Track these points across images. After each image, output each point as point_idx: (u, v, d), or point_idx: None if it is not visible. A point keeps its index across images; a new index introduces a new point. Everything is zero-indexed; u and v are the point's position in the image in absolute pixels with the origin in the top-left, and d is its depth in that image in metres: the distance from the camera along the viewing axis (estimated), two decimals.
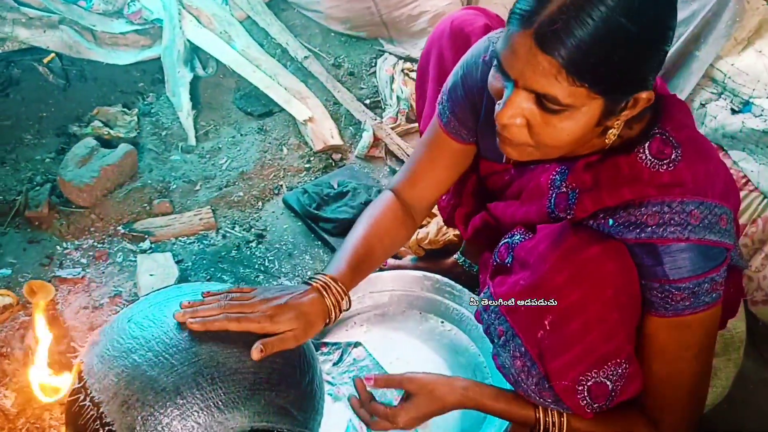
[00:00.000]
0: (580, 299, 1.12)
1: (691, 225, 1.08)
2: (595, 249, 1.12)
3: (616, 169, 1.13)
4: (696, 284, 1.10)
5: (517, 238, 1.27)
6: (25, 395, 1.61)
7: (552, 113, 1.03)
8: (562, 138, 1.06)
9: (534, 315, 1.15)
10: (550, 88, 1.00)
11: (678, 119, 1.15)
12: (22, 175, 2.30)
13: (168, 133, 2.53)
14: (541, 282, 1.15)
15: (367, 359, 1.71)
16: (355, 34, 2.84)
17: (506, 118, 1.06)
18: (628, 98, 1.04)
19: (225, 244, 2.11)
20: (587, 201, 1.16)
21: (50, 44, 2.60)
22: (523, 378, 1.20)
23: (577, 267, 1.12)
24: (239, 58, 2.69)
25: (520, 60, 1.01)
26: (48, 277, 1.95)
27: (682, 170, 1.10)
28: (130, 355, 1.16)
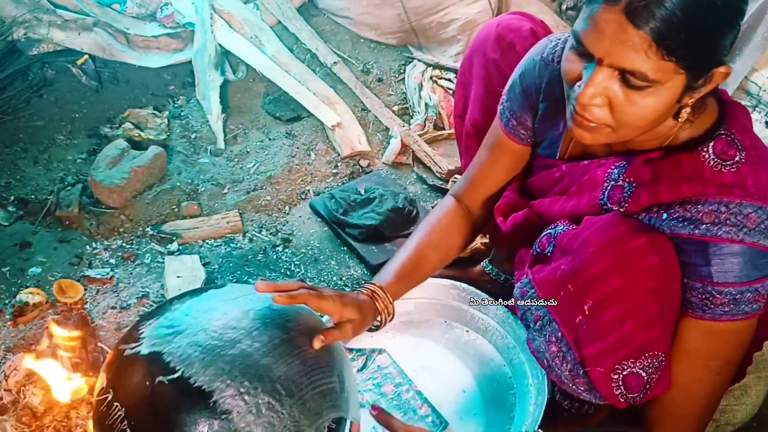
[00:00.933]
0: (620, 287, 1.11)
1: (746, 227, 1.08)
2: (641, 240, 1.11)
3: (677, 166, 1.13)
4: (739, 291, 1.10)
5: (560, 228, 1.26)
6: (52, 393, 1.63)
7: (636, 90, 1.03)
8: (644, 115, 1.06)
9: (573, 300, 1.15)
10: (640, 63, 0.99)
11: (742, 123, 1.15)
12: (54, 175, 2.33)
13: (197, 136, 2.55)
14: (583, 267, 1.14)
15: (392, 366, 1.70)
16: (385, 40, 2.84)
17: (588, 97, 1.06)
18: (707, 73, 1.04)
19: (251, 248, 2.12)
20: (643, 195, 1.17)
21: (84, 46, 2.64)
22: (557, 363, 1.19)
23: (621, 255, 1.11)
24: (269, 62, 2.71)
25: (607, 37, 1.00)
26: (77, 277, 1.97)
27: (745, 173, 1.10)
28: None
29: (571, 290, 1.15)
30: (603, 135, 1.12)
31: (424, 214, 2.17)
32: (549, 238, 1.27)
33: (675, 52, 0.98)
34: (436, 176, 2.34)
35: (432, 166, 2.35)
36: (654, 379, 1.15)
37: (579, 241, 1.17)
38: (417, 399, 1.63)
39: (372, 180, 2.33)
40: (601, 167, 1.26)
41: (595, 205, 1.25)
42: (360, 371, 1.70)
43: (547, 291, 1.20)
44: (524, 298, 1.26)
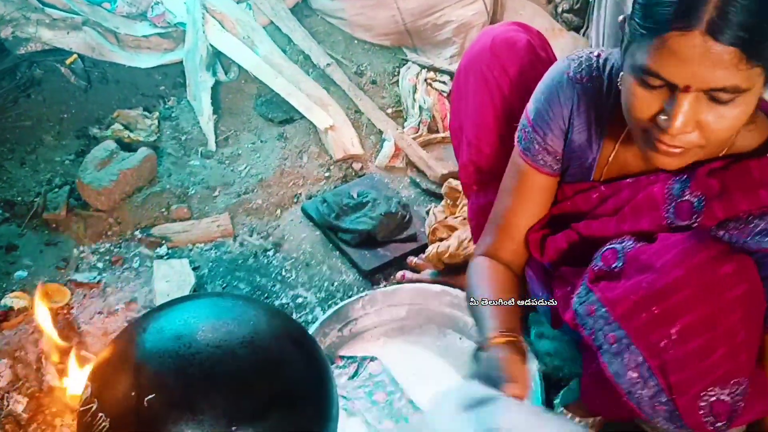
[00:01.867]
0: (710, 314, 1.07)
1: None
2: (729, 267, 1.07)
3: (746, 174, 1.12)
4: None
5: (628, 244, 1.21)
6: (36, 401, 1.60)
7: (724, 104, 1.00)
8: (734, 126, 1.04)
9: (657, 324, 1.10)
10: (731, 78, 0.97)
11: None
12: (41, 177, 2.29)
13: (188, 138, 2.52)
14: (670, 290, 1.09)
15: (384, 374, 1.68)
16: (379, 42, 2.81)
17: (681, 128, 1.02)
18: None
19: (242, 252, 2.09)
20: (717, 207, 1.14)
21: (73, 46, 2.60)
22: (637, 389, 1.14)
23: (710, 282, 1.08)
24: (261, 63, 2.68)
25: (692, 63, 0.97)
26: (64, 281, 1.94)
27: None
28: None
29: (656, 312, 1.09)
30: (691, 156, 1.09)
31: (418, 219, 2.14)
32: (615, 253, 1.21)
33: (762, 56, 0.96)
34: (430, 180, 2.31)
35: (426, 169, 2.32)
36: (740, 405, 1.11)
37: (663, 261, 1.12)
38: (409, 407, 1.61)
39: (365, 184, 2.30)
40: (656, 184, 1.22)
41: (662, 226, 1.21)
42: (351, 379, 1.68)
43: (623, 311, 1.14)
44: (593, 317, 1.19)
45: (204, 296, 1.37)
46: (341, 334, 1.75)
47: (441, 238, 1.96)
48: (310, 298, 1.94)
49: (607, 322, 1.16)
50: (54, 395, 1.61)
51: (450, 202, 2.07)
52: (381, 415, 1.60)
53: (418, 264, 1.98)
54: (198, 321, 1.20)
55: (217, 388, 1.11)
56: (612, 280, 1.19)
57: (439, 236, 1.97)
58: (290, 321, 1.34)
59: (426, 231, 2.05)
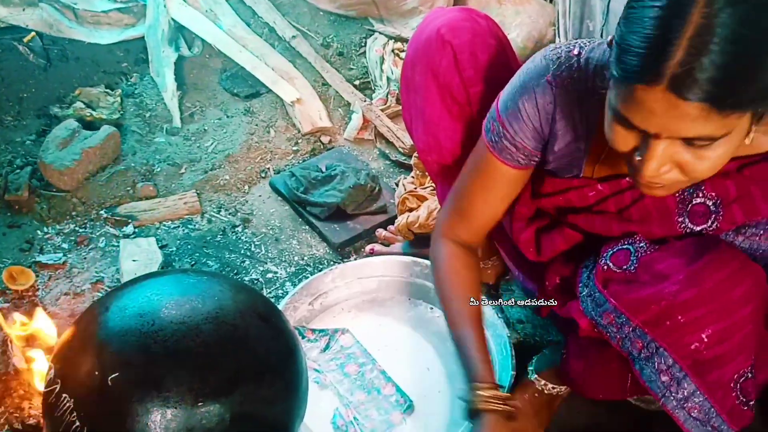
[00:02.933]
0: (741, 319, 1.09)
1: None
2: (741, 288, 1.09)
3: (765, 174, 1.09)
4: None
5: (641, 246, 1.20)
6: (4, 384, 1.57)
7: (703, 148, 0.96)
8: (717, 165, 1.00)
9: (688, 329, 1.10)
10: (703, 130, 0.92)
11: None
12: (2, 158, 2.24)
13: (152, 115, 2.47)
14: (698, 302, 1.10)
15: (355, 346, 1.68)
16: (345, 13, 2.78)
17: (654, 171, 0.99)
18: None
19: (210, 229, 2.06)
20: (737, 210, 1.12)
21: (30, 23, 2.54)
22: (672, 392, 1.15)
23: (725, 304, 1.09)
24: (225, 37, 2.63)
25: (658, 116, 0.93)
26: (28, 263, 1.91)
27: None
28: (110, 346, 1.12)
29: (681, 321, 1.10)
30: (678, 187, 1.08)
31: (387, 191, 2.13)
32: (628, 254, 1.20)
33: (734, 105, 0.90)
34: (399, 151, 2.30)
35: (395, 141, 2.30)
36: (755, 377, 1.14)
37: (686, 275, 1.11)
38: (381, 378, 1.61)
39: (333, 157, 2.28)
40: None
41: (673, 229, 1.19)
42: (323, 352, 1.67)
43: (647, 318, 1.14)
44: (614, 325, 1.19)
45: (168, 273, 1.35)
46: (312, 307, 1.74)
47: (410, 209, 1.95)
48: (280, 273, 1.93)
49: (631, 329, 1.16)
50: (21, 378, 1.58)
51: (419, 173, 2.05)
52: (353, 387, 1.60)
53: (387, 237, 1.97)
54: (161, 298, 1.18)
55: (181, 364, 1.10)
56: (622, 283, 1.19)
57: (409, 206, 1.96)
58: (256, 295, 1.32)
59: (396, 202, 2.04)
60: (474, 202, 1.38)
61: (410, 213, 1.92)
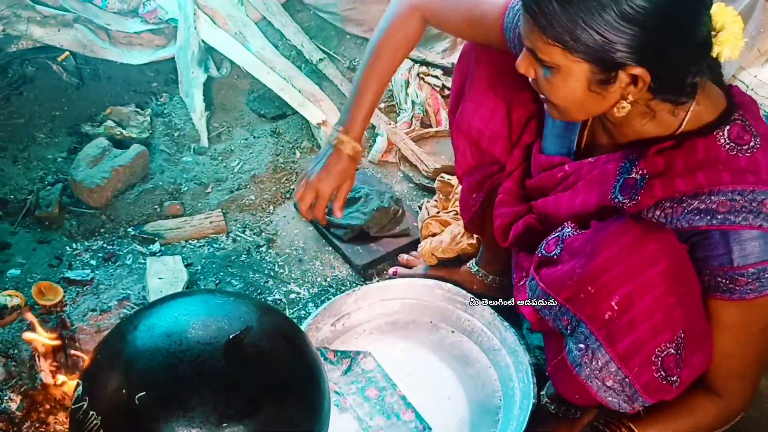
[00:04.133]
0: (639, 287, 1.12)
1: (763, 213, 1.09)
2: (653, 245, 1.12)
3: (691, 152, 1.13)
4: (762, 269, 1.12)
5: (568, 231, 1.26)
6: (30, 399, 1.60)
7: (545, 68, 1.12)
8: (558, 95, 1.14)
9: (598, 298, 1.15)
10: (531, 43, 1.10)
11: (754, 111, 1.17)
12: (34, 174, 2.29)
13: (180, 134, 2.52)
14: (600, 270, 1.14)
15: (376, 370, 1.68)
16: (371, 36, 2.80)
17: (519, 66, 1.17)
18: (614, 69, 1.07)
19: (235, 248, 2.09)
20: (657, 186, 1.16)
21: (64, 43, 2.60)
22: (586, 362, 1.19)
23: (636, 261, 1.12)
24: (254, 59, 2.67)
25: (523, 22, 1.12)
26: (57, 279, 1.94)
27: (760, 159, 1.11)
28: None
29: (591, 291, 1.15)
30: (553, 110, 1.20)
31: (411, 214, 2.14)
32: (557, 241, 1.26)
33: (555, 37, 1.06)
34: (422, 175, 2.31)
35: (418, 164, 2.32)
36: (683, 354, 1.16)
37: (592, 246, 1.17)
38: (401, 403, 1.61)
39: (357, 179, 2.28)
40: (612, 162, 1.24)
41: (606, 200, 1.24)
42: (344, 374, 1.68)
43: (565, 294, 1.20)
44: (546, 308, 1.25)
45: (195, 293, 1.37)
46: (334, 328, 1.76)
47: (434, 234, 1.96)
48: (303, 293, 1.95)
49: (558, 307, 1.22)
50: (48, 393, 1.61)
51: (442, 197, 2.07)
52: (373, 411, 1.60)
53: (409, 261, 1.98)
54: (189, 318, 1.21)
55: (207, 384, 1.12)
56: (551, 266, 1.25)
57: (432, 231, 1.97)
58: (281, 317, 1.34)
59: (419, 226, 2.05)
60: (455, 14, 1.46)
61: (433, 238, 1.93)
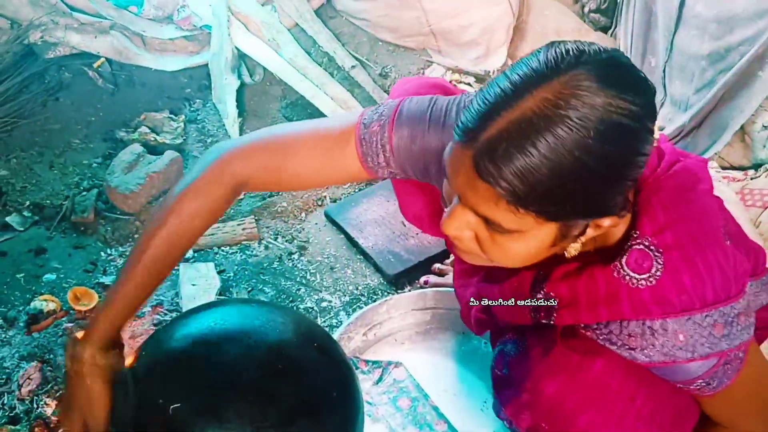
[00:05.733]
0: (595, 418, 1.10)
1: (677, 346, 1.00)
2: (596, 368, 1.08)
3: (593, 284, 1.03)
4: (709, 378, 1.04)
5: (509, 349, 1.22)
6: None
7: (500, 233, 0.95)
8: (512, 258, 0.99)
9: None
10: (490, 213, 0.92)
11: (663, 217, 1.01)
12: (70, 180, 2.32)
13: (213, 141, 2.53)
14: (550, 407, 1.12)
15: (408, 380, 1.67)
16: (404, 44, 2.80)
17: (450, 229, 0.99)
18: (584, 224, 0.96)
19: (267, 255, 2.09)
20: (566, 315, 1.08)
21: (100, 49, 2.63)
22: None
23: (582, 389, 1.09)
24: (286, 66, 2.69)
25: (461, 177, 0.92)
26: (92, 284, 1.96)
27: (664, 285, 0.99)
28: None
29: (546, 429, 1.13)
30: (479, 261, 1.05)
31: None
32: (502, 358, 1.22)
33: (530, 207, 0.89)
34: None
35: None
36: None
37: (535, 379, 1.13)
38: (433, 414, 1.60)
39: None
40: (527, 272, 1.13)
41: (527, 317, 1.15)
42: (376, 384, 1.67)
43: (524, 425, 1.17)
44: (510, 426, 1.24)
45: (230, 303, 1.37)
46: (366, 338, 1.75)
47: None
48: (334, 302, 1.94)
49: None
50: None
51: None
52: (405, 422, 1.59)
53: (442, 269, 1.97)
54: (225, 328, 1.20)
55: (243, 396, 1.11)
56: (505, 387, 1.21)
57: None
58: (316, 328, 1.34)
59: None
60: (299, 158, 1.21)
61: None
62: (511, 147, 0.86)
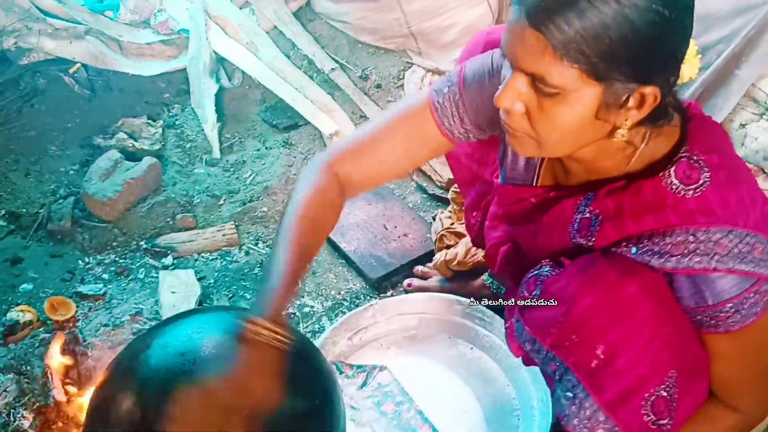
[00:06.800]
0: (625, 335, 1.09)
1: (717, 254, 1.04)
2: (631, 288, 1.08)
3: (639, 195, 1.09)
4: (739, 302, 1.08)
5: (545, 271, 1.22)
6: (43, 416, 1.58)
7: (546, 96, 0.99)
8: (558, 126, 1.02)
9: (583, 346, 1.11)
10: (538, 66, 0.97)
11: (710, 142, 1.09)
12: (46, 188, 2.28)
13: (192, 146, 2.50)
14: (582, 320, 1.11)
15: (393, 384, 1.66)
16: (384, 45, 2.79)
17: (503, 101, 1.03)
18: (629, 91, 0.98)
19: (248, 261, 2.07)
20: (609, 229, 1.12)
21: (76, 55, 2.59)
22: (574, 411, 1.14)
23: (616, 308, 1.09)
24: (265, 69, 2.66)
25: (514, 38, 0.98)
26: (69, 293, 1.93)
27: (710, 196, 1.05)
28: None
29: (576, 340, 1.11)
30: (531, 147, 1.08)
31: (425, 225, 2.12)
32: (535, 281, 1.22)
33: (576, 58, 0.94)
34: (436, 185, 2.29)
35: (432, 174, 2.30)
36: (676, 394, 1.12)
37: (570, 293, 1.13)
38: (418, 419, 1.59)
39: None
40: (571, 198, 1.20)
41: (566, 240, 1.20)
42: (360, 389, 1.66)
43: (550, 341, 1.15)
44: (534, 350, 1.20)
45: (208, 310, 1.35)
46: (351, 342, 1.74)
47: (448, 246, 1.94)
48: (317, 307, 1.93)
49: (545, 352, 1.17)
50: (60, 410, 1.59)
51: (457, 208, 2.04)
52: (389, 426, 1.58)
53: (425, 272, 1.96)
54: (203, 337, 1.19)
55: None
56: (533, 309, 1.20)
57: (447, 243, 1.95)
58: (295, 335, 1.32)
59: (433, 237, 2.03)
60: (385, 145, 1.32)
61: (448, 250, 1.91)
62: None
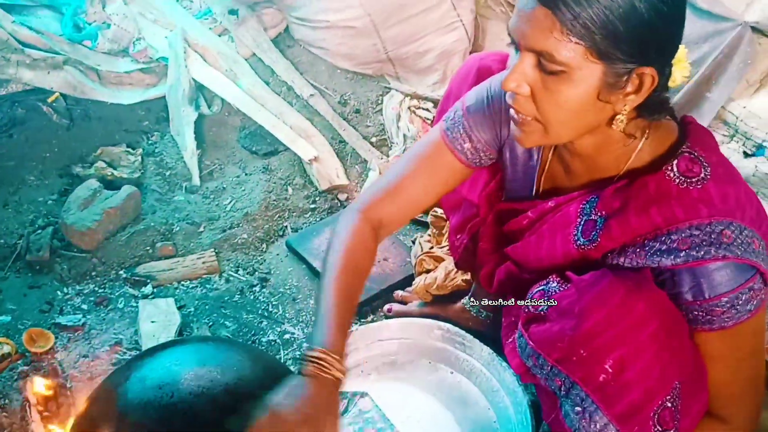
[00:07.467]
0: (633, 351, 1.11)
1: (724, 244, 1.09)
2: (641, 305, 1.11)
3: (644, 188, 1.14)
4: (734, 297, 1.11)
5: (553, 286, 1.23)
6: None
7: (551, 75, 1.04)
8: (563, 104, 1.07)
9: (591, 361, 1.12)
10: (546, 42, 1.02)
11: (706, 141, 1.16)
12: (24, 218, 2.27)
13: (172, 173, 2.50)
14: (591, 335, 1.12)
15: (374, 411, 1.66)
16: (362, 71, 2.82)
17: (510, 83, 1.08)
18: (629, 71, 1.03)
19: (228, 288, 2.07)
20: (614, 226, 1.16)
21: (54, 85, 2.59)
22: (584, 425, 1.15)
23: (626, 324, 1.11)
24: (245, 96, 2.68)
25: (521, 18, 1.04)
26: (48, 324, 1.91)
27: (711, 189, 1.11)
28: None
29: (584, 355, 1.13)
30: (537, 133, 1.13)
31: (404, 249, 2.13)
32: (542, 295, 1.23)
33: (581, 34, 1.00)
34: None
35: None
36: (679, 404, 1.14)
37: (580, 307, 1.14)
38: None
39: None
40: (573, 203, 1.24)
41: (570, 243, 1.24)
42: (341, 416, 1.65)
43: (555, 355, 1.17)
44: (537, 366, 1.21)
45: (187, 342, 1.35)
46: None
47: (428, 270, 1.95)
48: (297, 333, 1.93)
49: (549, 368, 1.18)
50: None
51: (436, 231, 2.06)
52: None
53: (404, 297, 1.97)
54: (181, 369, 1.19)
55: None
56: (540, 323, 1.22)
57: (426, 268, 1.96)
58: (275, 364, 1.33)
59: (412, 261, 2.04)
60: (409, 184, 1.39)
61: (427, 275, 1.92)
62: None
